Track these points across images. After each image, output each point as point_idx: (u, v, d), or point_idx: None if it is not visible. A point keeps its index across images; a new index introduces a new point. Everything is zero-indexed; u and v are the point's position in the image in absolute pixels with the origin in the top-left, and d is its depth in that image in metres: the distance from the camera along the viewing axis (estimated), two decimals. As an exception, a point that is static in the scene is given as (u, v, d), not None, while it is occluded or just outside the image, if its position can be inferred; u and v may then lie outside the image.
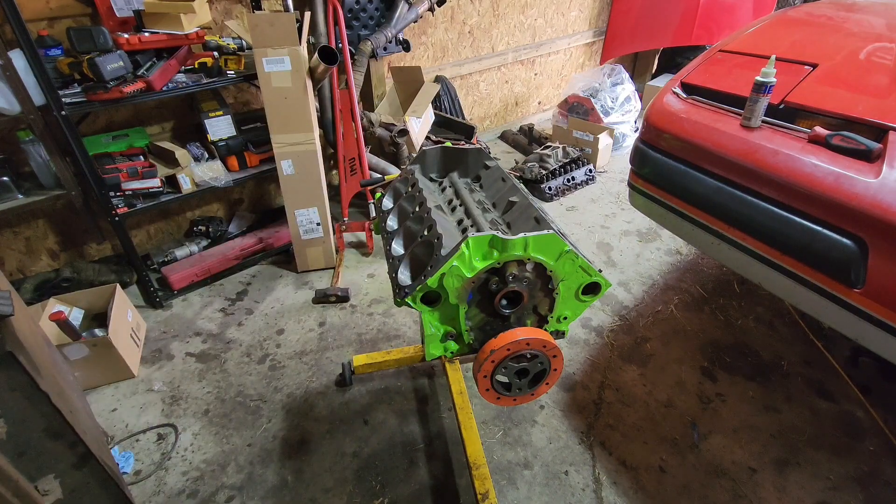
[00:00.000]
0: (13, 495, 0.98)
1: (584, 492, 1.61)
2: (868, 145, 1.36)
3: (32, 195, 1.97)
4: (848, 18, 2.00)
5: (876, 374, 1.95)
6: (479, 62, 3.81)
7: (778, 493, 1.59)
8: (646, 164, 1.95)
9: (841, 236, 1.36)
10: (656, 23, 4.16)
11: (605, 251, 2.81)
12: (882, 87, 1.52)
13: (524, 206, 1.28)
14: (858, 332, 1.41)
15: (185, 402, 1.94)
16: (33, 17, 1.99)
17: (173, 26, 2.07)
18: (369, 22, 2.90)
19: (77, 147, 1.92)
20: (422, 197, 1.34)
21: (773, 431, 1.78)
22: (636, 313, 2.35)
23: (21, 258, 2.37)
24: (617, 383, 1.99)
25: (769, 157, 1.50)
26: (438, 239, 1.12)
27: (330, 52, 2.15)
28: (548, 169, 3.35)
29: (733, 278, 2.54)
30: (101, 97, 1.87)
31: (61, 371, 1.55)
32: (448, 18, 3.48)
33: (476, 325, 1.16)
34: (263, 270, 2.70)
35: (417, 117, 3.02)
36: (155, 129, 2.51)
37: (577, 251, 1.08)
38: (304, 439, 1.78)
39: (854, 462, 1.67)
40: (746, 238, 1.63)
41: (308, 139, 2.30)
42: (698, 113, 1.79)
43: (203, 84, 2.11)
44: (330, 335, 2.25)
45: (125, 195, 2.14)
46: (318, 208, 2.50)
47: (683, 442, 1.76)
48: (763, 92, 1.54)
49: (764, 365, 2.05)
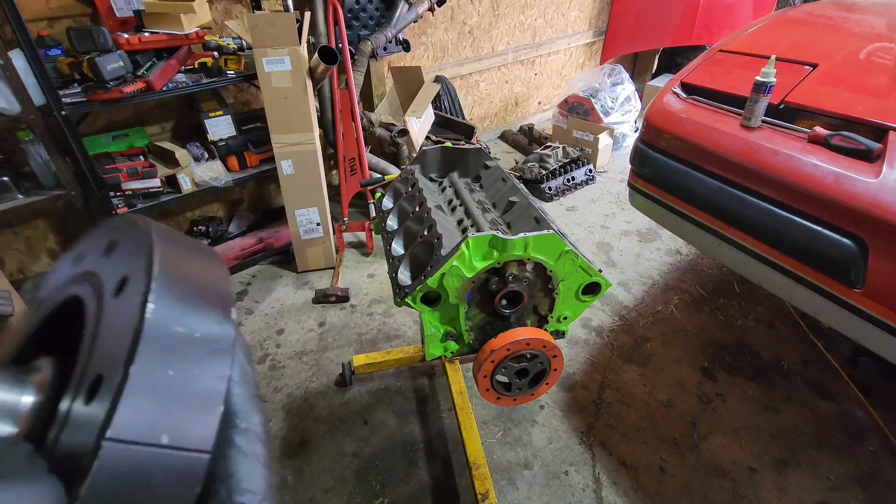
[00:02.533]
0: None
1: (584, 492, 1.61)
2: (868, 145, 1.36)
3: (32, 195, 1.97)
4: (848, 18, 2.00)
5: (876, 374, 1.95)
6: (479, 62, 3.81)
7: (778, 493, 1.59)
8: (646, 164, 1.95)
9: (841, 236, 1.36)
10: (656, 23, 4.16)
11: (605, 251, 2.81)
12: (882, 87, 1.52)
13: (524, 206, 1.28)
14: (858, 332, 1.41)
15: (185, 402, 1.94)
16: (33, 17, 1.99)
17: (173, 26, 2.07)
18: (369, 22, 2.90)
19: (77, 147, 1.93)
20: (422, 197, 1.34)
21: (773, 431, 1.78)
22: (636, 313, 2.35)
23: (21, 258, 2.37)
24: (617, 383, 1.99)
25: (769, 157, 1.50)
26: (438, 239, 1.12)
27: (330, 52, 2.15)
28: (548, 169, 3.35)
29: (733, 278, 2.54)
30: (101, 97, 1.87)
31: (61, 371, 1.54)
32: (448, 18, 3.48)
33: (476, 325, 1.16)
34: (263, 270, 2.70)
35: (417, 117, 3.02)
36: (155, 129, 2.51)
37: (577, 251, 1.08)
38: (304, 439, 1.78)
39: (854, 462, 1.67)
40: (746, 238, 1.63)
41: (308, 139, 2.30)
42: (698, 113, 1.79)
43: (203, 84, 2.11)
44: (330, 335, 2.25)
45: (125, 195, 2.14)
46: (318, 208, 2.49)
47: (683, 442, 1.76)
48: (763, 92, 1.54)
49: (764, 365, 2.05)
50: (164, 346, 0.25)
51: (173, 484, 0.25)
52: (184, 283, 0.28)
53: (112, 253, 0.32)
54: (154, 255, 0.28)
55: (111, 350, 0.26)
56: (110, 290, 0.29)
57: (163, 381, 0.25)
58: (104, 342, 0.28)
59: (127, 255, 0.31)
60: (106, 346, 0.27)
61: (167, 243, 0.30)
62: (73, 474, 0.24)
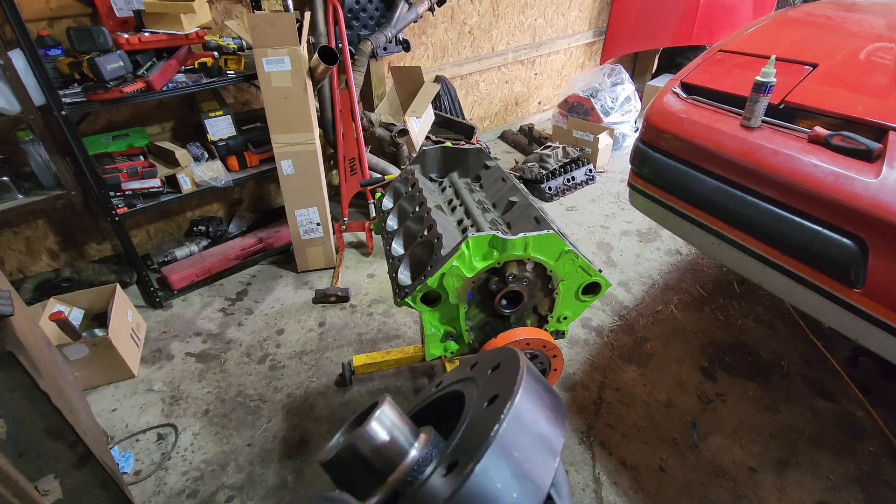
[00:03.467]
0: (13, 495, 0.98)
1: (584, 492, 1.61)
2: (868, 145, 1.36)
3: (32, 195, 1.97)
4: (848, 18, 2.00)
5: (876, 374, 1.95)
6: (479, 62, 3.81)
7: (778, 493, 1.59)
8: (646, 164, 1.95)
9: (841, 236, 1.36)
10: (656, 23, 4.16)
11: (605, 251, 2.81)
12: (882, 87, 1.52)
13: (524, 206, 1.28)
14: (858, 332, 1.41)
15: (185, 402, 1.94)
16: (33, 17, 1.99)
17: (173, 26, 2.07)
18: (369, 22, 2.90)
19: (77, 147, 1.92)
20: (422, 197, 1.34)
21: (773, 431, 1.78)
22: (636, 313, 2.35)
23: (21, 258, 2.37)
24: (617, 383, 1.99)
25: (769, 157, 1.50)
26: (438, 239, 1.12)
27: (330, 52, 2.15)
28: (548, 169, 3.35)
29: (733, 278, 2.54)
30: (101, 97, 1.87)
31: (61, 371, 1.55)
32: (448, 18, 3.48)
33: (476, 325, 1.16)
34: (263, 270, 2.70)
35: (417, 117, 3.02)
36: (155, 129, 2.51)
37: (577, 251, 1.08)
38: (304, 439, 1.78)
39: (854, 462, 1.67)
40: (746, 238, 1.63)
41: (308, 139, 2.30)
42: (698, 113, 1.79)
43: (203, 84, 2.11)
44: (330, 335, 2.25)
45: (125, 195, 2.14)
46: (318, 208, 2.50)
47: (683, 442, 1.76)
48: (763, 92, 1.54)
49: (764, 365, 2.05)
50: (505, 458, 0.32)
51: None
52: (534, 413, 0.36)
53: (495, 371, 0.42)
54: (519, 388, 0.36)
55: (470, 445, 0.34)
56: (484, 400, 0.38)
57: (493, 491, 0.30)
58: (467, 436, 0.36)
59: (503, 377, 0.40)
60: (468, 440, 0.35)
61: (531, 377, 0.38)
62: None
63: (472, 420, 0.37)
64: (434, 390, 0.51)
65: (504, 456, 0.31)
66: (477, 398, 0.40)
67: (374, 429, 0.35)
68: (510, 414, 0.33)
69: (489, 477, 0.30)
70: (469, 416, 0.38)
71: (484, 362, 0.48)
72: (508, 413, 0.33)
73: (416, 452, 0.36)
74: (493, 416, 0.34)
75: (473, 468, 0.30)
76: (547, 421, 0.36)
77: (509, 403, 0.34)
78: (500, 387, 0.38)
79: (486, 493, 0.30)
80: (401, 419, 0.38)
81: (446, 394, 0.48)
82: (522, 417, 0.34)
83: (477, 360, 0.49)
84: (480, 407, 0.38)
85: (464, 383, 0.46)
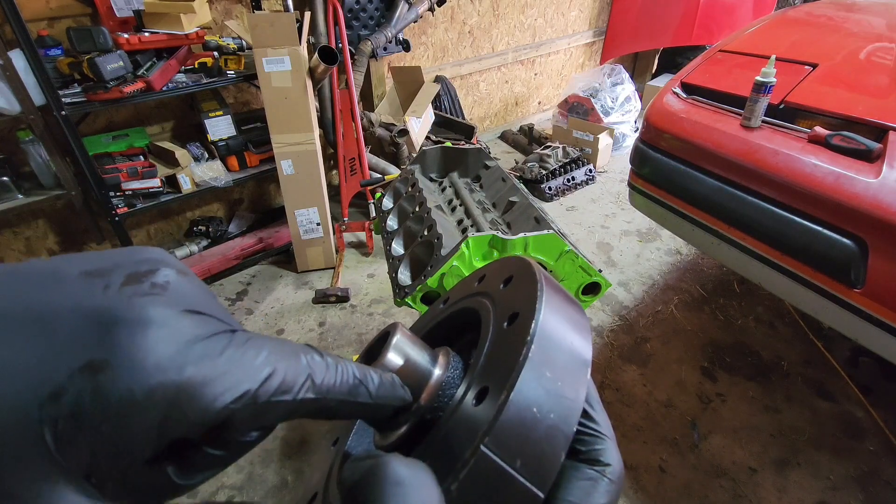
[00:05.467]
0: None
1: (584, 492, 1.61)
2: (868, 145, 1.36)
3: (32, 195, 1.97)
4: (848, 18, 2.00)
5: (876, 374, 1.95)
6: (479, 62, 3.81)
7: (778, 493, 1.59)
8: (646, 164, 1.95)
9: (841, 236, 1.36)
10: (656, 23, 4.16)
11: (605, 251, 2.81)
12: (882, 87, 1.52)
13: (524, 206, 1.28)
14: (858, 332, 1.41)
15: (185, 402, 1.94)
16: (33, 17, 1.99)
17: (173, 26, 2.07)
18: (369, 22, 2.90)
19: (77, 147, 1.92)
20: (422, 197, 1.34)
21: (773, 431, 1.78)
22: (636, 313, 2.35)
23: (21, 258, 2.37)
24: (617, 383, 1.99)
25: (769, 157, 1.50)
26: (438, 239, 1.12)
27: (330, 52, 2.15)
28: (548, 169, 3.35)
29: (733, 278, 2.54)
30: (101, 97, 1.87)
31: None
32: (448, 18, 3.48)
33: (476, 325, 1.16)
34: (263, 270, 2.70)
35: (417, 117, 3.02)
36: (155, 129, 2.51)
37: (577, 251, 1.08)
38: (304, 439, 1.78)
39: (854, 462, 1.67)
40: (746, 238, 1.63)
41: (308, 139, 2.30)
42: (698, 113, 1.79)
43: (203, 84, 2.11)
44: (330, 335, 2.25)
45: (125, 195, 2.14)
46: (318, 208, 2.49)
47: (683, 442, 1.76)
48: (763, 92, 1.54)
49: (764, 365, 2.05)
50: (538, 381, 0.30)
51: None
52: (560, 327, 0.33)
53: (508, 285, 0.39)
54: (542, 304, 0.33)
55: (497, 370, 0.32)
56: (503, 319, 0.35)
57: (530, 416, 0.29)
58: (492, 360, 0.33)
59: (519, 292, 0.37)
60: (493, 364, 0.33)
61: (550, 288, 0.35)
62: (440, 459, 0.29)
63: (493, 341, 0.35)
64: (442, 307, 0.47)
65: (536, 379, 0.29)
66: (494, 317, 0.37)
67: (391, 360, 0.33)
68: (537, 334, 0.31)
69: (527, 403, 0.29)
70: (489, 339, 0.35)
71: (492, 274, 0.44)
72: (535, 333, 0.31)
73: (439, 372, 0.34)
74: (517, 338, 0.32)
75: (508, 396, 0.28)
76: (574, 331, 0.34)
77: (534, 324, 0.32)
78: (519, 303, 0.35)
79: (523, 419, 0.28)
80: (417, 344, 0.35)
81: (456, 311, 0.44)
82: (549, 335, 0.32)
83: (484, 273, 0.45)
84: (500, 327, 0.35)
85: (474, 298, 0.42)
